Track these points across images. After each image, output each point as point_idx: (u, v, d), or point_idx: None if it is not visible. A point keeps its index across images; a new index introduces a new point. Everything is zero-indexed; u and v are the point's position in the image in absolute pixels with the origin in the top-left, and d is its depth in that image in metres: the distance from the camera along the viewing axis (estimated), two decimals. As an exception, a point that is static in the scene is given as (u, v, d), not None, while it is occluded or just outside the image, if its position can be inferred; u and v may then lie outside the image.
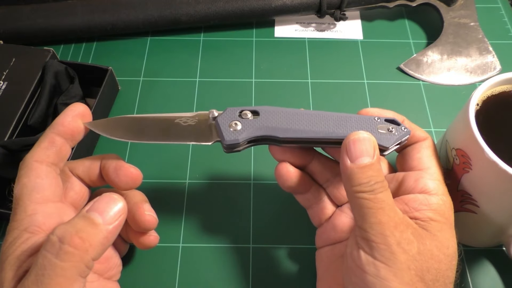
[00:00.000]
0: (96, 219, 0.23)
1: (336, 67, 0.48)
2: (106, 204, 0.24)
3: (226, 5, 0.48)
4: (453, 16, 0.49)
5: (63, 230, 0.22)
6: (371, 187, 0.25)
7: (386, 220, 0.24)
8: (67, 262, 0.22)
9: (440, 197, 0.27)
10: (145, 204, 0.30)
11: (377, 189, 0.25)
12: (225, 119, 0.29)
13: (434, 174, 0.28)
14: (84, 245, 0.22)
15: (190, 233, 0.37)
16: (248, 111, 0.29)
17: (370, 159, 0.25)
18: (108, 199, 0.25)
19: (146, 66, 0.48)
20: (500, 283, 0.35)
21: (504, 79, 0.31)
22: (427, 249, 0.24)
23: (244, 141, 0.28)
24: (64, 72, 0.42)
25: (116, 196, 0.25)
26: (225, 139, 0.28)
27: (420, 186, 0.27)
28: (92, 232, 0.23)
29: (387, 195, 0.25)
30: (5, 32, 0.46)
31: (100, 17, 0.47)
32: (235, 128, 0.28)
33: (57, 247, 0.22)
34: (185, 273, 0.35)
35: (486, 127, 0.29)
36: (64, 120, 0.27)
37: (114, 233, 0.24)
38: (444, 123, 0.44)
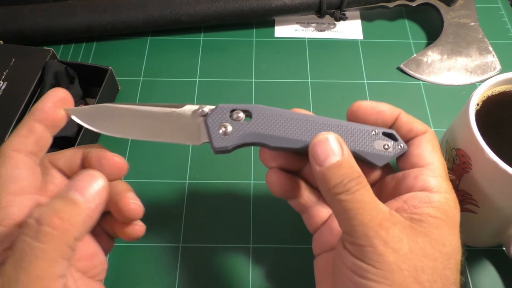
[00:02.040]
0: (76, 198, 0.22)
1: (336, 67, 0.48)
2: (86, 182, 0.23)
3: (226, 5, 0.48)
4: (453, 16, 0.49)
5: (40, 212, 0.21)
6: (345, 186, 0.23)
7: (368, 219, 0.22)
8: (47, 243, 0.20)
9: (443, 194, 0.25)
10: (130, 192, 0.28)
11: (352, 187, 0.23)
12: (215, 120, 0.27)
13: (436, 170, 0.26)
14: (64, 225, 0.21)
15: (190, 233, 0.37)
16: (241, 111, 0.27)
17: (338, 157, 0.24)
18: (88, 176, 0.23)
19: (146, 66, 0.48)
20: (500, 283, 0.35)
21: (504, 79, 0.31)
22: (420, 247, 0.22)
23: (233, 147, 0.27)
24: (64, 72, 0.42)
25: (96, 173, 0.23)
26: (214, 146, 0.26)
27: (420, 184, 0.25)
28: (72, 211, 0.22)
29: (366, 192, 0.23)
30: (5, 32, 0.46)
31: (100, 17, 0.47)
32: (225, 131, 0.26)
33: (35, 229, 0.21)
34: (185, 273, 0.35)
35: (486, 127, 0.29)
36: (44, 106, 0.25)
37: (97, 212, 0.23)
38: (444, 123, 0.44)
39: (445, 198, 0.25)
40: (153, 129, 0.27)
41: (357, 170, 0.24)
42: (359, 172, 0.24)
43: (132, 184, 0.39)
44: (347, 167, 0.24)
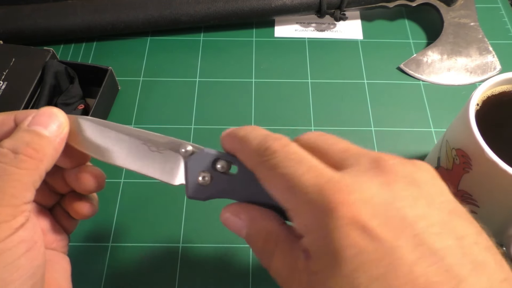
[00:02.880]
0: (43, 132, 0.23)
1: (336, 67, 0.48)
2: (48, 118, 0.23)
3: (226, 5, 0.48)
4: (453, 16, 0.49)
5: (13, 143, 0.22)
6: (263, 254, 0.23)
7: None
8: (24, 169, 0.21)
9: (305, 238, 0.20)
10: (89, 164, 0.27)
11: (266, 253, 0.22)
12: (196, 166, 0.24)
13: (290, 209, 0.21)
14: (38, 155, 0.22)
15: (190, 233, 0.37)
16: (225, 162, 0.24)
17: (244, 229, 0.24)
18: (49, 113, 0.24)
19: (146, 66, 0.48)
20: (500, 283, 0.35)
21: (504, 79, 0.31)
22: None
23: (208, 199, 0.25)
24: (64, 72, 0.42)
25: (56, 110, 0.24)
26: (189, 194, 0.24)
27: None
28: (42, 143, 0.22)
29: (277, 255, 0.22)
30: (5, 32, 0.46)
31: (100, 17, 0.47)
32: (204, 181, 0.24)
33: (11, 157, 0.21)
34: (185, 273, 0.35)
35: (486, 127, 0.29)
36: None
37: (60, 147, 0.24)
38: (444, 123, 0.44)
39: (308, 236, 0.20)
40: (133, 157, 0.25)
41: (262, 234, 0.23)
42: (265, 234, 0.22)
43: (132, 184, 0.40)
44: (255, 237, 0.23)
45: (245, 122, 0.43)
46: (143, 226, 0.37)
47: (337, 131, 0.43)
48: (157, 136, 0.25)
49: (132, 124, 0.43)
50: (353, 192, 0.18)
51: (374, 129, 0.43)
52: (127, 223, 0.38)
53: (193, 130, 0.43)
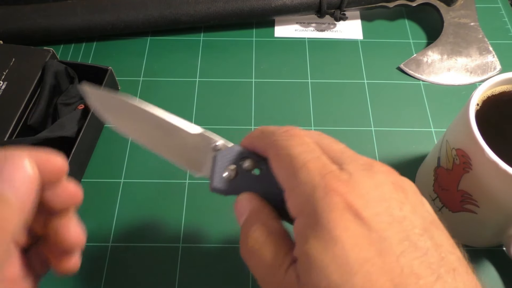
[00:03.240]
0: (7, 195, 0.18)
1: (336, 67, 0.48)
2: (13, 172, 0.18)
3: (226, 5, 0.48)
4: (453, 16, 0.49)
5: None
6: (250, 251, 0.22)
7: None
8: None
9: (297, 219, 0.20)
10: (73, 216, 0.23)
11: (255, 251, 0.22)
12: (223, 160, 0.25)
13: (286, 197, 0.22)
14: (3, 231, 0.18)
15: (190, 233, 0.37)
16: (251, 162, 0.24)
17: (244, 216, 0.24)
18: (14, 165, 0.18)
19: (146, 66, 0.48)
20: (500, 283, 0.35)
21: (504, 79, 0.31)
22: None
23: (231, 194, 0.25)
24: (64, 72, 0.42)
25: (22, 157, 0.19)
26: (213, 186, 0.25)
27: None
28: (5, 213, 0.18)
29: None
30: (5, 32, 0.46)
31: (100, 17, 0.47)
32: (230, 175, 0.24)
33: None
34: (185, 273, 0.35)
35: (486, 127, 0.29)
36: None
37: (30, 210, 0.19)
38: (444, 123, 0.44)
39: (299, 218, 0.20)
40: (158, 138, 0.26)
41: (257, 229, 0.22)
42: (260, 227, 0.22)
43: (132, 184, 0.40)
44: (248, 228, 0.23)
45: (245, 122, 0.43)
46: (143, 226, 0.37)
47: (337, 131, 0.43)
48: (190, 127, 0.26)
49: (132, 124, 0.43)
50: (350, 185, 0.19)
51: (374, 129, 0.43)
52: (127, 223, 0.38)
53: (193, 130, 0.43)
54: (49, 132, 0.37)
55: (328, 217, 0.19)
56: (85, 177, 0.40)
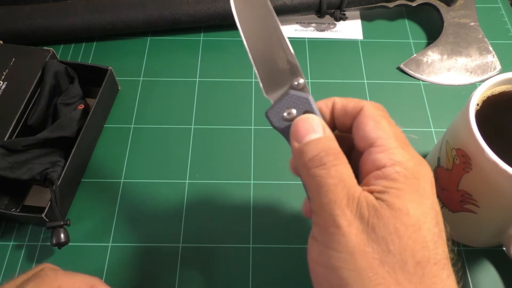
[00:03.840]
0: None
1: (336, 67, 0.48)
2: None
3: (226, 5, 0.48)
4: (453, 16, 0.49)
5: None
6: (321, 159, 0.22)
7: (337, 198, 0.21)
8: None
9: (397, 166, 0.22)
10: None
11: (329, 161, 0.22)
12: (291, 100, 0.25)
13: (385, 144, 0.23)
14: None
15: (190, 233, 0.37)
16: None
17: (319, 134, 0.23)
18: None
19: (146, 66, 0.48)
20: (500, 283, 0.35)
21: (504, 79, 0.31)
22: (384, 224, 0.20)
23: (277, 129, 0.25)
24: (64, 72, 0.42)
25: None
26: (269, 113, 0.25)
27: (373, 165, 0.23)
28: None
29: (343, 169, 0.22)
30: (5, 32, 0.46)
31: (100, 17, 0.47)
32: (288, 116, 0.25)
33: None
34: (185, 273, 0.35)
35: (486, 127, 0.29)
36: None
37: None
38: (444, 123, 0.44)
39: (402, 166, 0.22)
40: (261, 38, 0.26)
41: (336, 147, 0.23)
42: (338, 149, 0.23)
43: (132, 184, 0.40)
44: (326, 143, 0.23)
45: (245, 122, 0.43)
46: (143, 226, 0.37)
47: (337, 131, 0.43)
48: (288, 50, 0.26)
49: (132, 124, 0.43)
50: None
51: (374, 129, 0.43)
52: (127, 223, 0.38)
53: (193, 130, 0.43)
54: (49, 132, 0.37)
55: None
56: (85, 177, 0.40)
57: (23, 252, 0.36)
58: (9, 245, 0.37)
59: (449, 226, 0.23)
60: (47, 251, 0.36)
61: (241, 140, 0.42)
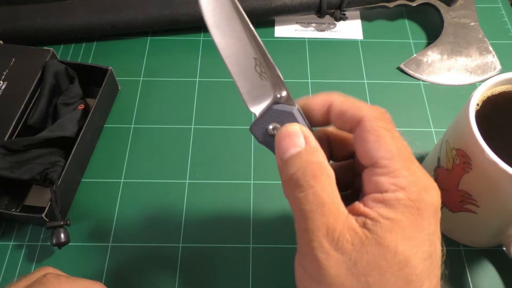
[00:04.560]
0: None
1: (336, 67, 0.48)
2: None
3: (226, 5, 0.48)
4: (453, 16, 0.49)
5: None
6: (297, 181, 0.20)
7: (315, 227, 0.20)
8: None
9: (399, 193, 0.20)
10: None
11: (306, 182, 0.20)
12: (275, 114, 0.24)
13: (388, 165, 0.21)
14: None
15: (190, 233, 0.37)
16: None
17: (299, 148, 0.22)
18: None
19: (146, 66, 0.48)
20: (500, 283, 0.35)
21: (504, 79, 0.31)
22: (367, 259, 0.19)
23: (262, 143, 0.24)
24: (64, 72, 0.42)
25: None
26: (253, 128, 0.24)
27: (373, 187, 0.21)
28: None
29: (323, 191, 0.20)
30: (5, 32, 0.46)
31: (100, 17, 0.47)
32: (272, 129, 0.24)
33: None
34: (185, 273, 0.35)
35: (486, 127, 0.29)
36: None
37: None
38: (444, 123, 0.44)
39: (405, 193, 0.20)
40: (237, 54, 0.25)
41: (317, 160, 0.21)
42: (318, 163, 0.21)
43: (132, 184, 0.40)
44: (305, 158, 0.21)
45: (245, 122, 0.43)
46: (143, 226, 0.37)
47: (337, 131, 0.43)
48: (270, 64, 0.24)
49: (132, 124, 0.43)
50: None
51: (374, 129, 0.43)
52: (127, 223, 0.38)
53: (193, 130, 0.43)
54: (49, 132, 0.37)
55: None
56: (85, 177, 0.40)
57: (23, 252, 0.36)
58: (9, 245, 0.37)
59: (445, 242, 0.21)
60: (47, 251, 0.36)
61: (241, 140, 0.42)
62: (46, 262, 0.36)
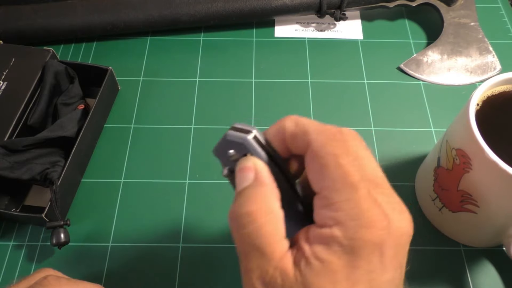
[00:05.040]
0: None
1: (336, 67, 0.48)
2: None
3: (226, 5, 0.48)
4: (453, 16, 0.49)
5: None
6: (236, 219, 0.20)
7: (250, 268, 0.20)
8: None
9: (336, 229, 0.19)
10: None
11: (245, 220, 0.20)
12: (230, 144, 0.23)
13: (328, 197, 0.20)
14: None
15: (190, 233, 0.37)
16: None
17: (247, 183, 0.21)
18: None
19: (146, 66, 0.48)
20: (500, 283, 0.35)
21: (504, 79, 0.31)
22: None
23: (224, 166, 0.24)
24: (64, 72, 0.42)
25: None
26: (218, 157, 0.24)
27: (316, 219, 0.20)
28: None
29: (258, 232, 0.20)
30: (5, 32, 0.46)
31: (100, 17, 0.47)
32: (233, 159, 0.23)
33: None
34: (185, 273, 0.35)
35: (486, 127, 0.29)
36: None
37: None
38: (444, 123, 0.44)
39: (342, 229, 0.19)
40: None
41: (260, 197, 0.21)
42: (262, 200, 0.20)
43: (132, 184, 0.40)
44: (248, 195, 0.21)
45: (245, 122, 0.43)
46: (143, 226, 0.37)
47: (337, 131, 0.43)
48: None
49: (132, 124, 0.43)
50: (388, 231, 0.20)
51: (374, 129, 0.43)
52: (127, 223, 0.38)
53: (193, 130, 0.43)
54: (49, 132, 0.37)
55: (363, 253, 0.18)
56: (85, 177, 0.40)
57: (23, 252, 0.36)
58: (9, 245, 0.37)
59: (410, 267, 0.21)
60: (47, 251, 0.36)
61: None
62: (46, 262, 0.36)
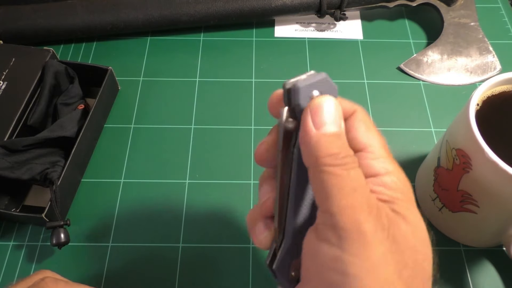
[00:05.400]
0: None
1: (336, 67, 0.48)
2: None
3: (226, 5, 0.48)
4: (453, 16, 0.49)
5: None
6: (342, 160, 0.20)
7: (358, 203, 0.19)
8: None
9: (391, 175, 0.22)
10: None
11: (349, 163, 0.20)
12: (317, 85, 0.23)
13: (376, 152, 0.22)
14: None
15: (190, 233, 0.37)
16: None
17: (337, 128, 0.21)
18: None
19: (146, 66, 0.48)
20: (500, 283, 0.35)
21: (504, 79, 0.31)
22: (403, 236, 0.20)
23: None
24: (64, 72, 0.42)
25: None
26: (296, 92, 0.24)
27: (365, 171, 0.22)
28: None
29: (360, 174, 0.20)
30: (5, 32, 0.46)
31: (100, 17, 0.47)
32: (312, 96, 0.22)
33: None
34: (185, 273, 0.35)
35: (486, 127, 0.29)
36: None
37: None
38: (444, 123, 0.44)
39: (396, 177, 0.22)
40: None
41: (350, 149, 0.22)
42: (352, 152, 0.21)
43: (132, 184, 0.40)
44: (345, 142, 0.21)
45: (245, 122, 0.43)
46: (143, 226, 0.37)
47: (337, 131, 0.43)
48: None
49: (132, 124, 0.43)
50: None
51: (374, 129, 0.43)
52: (127, 223, 0.38)
53: (193, 130, 0.43)
54: (49, 132, 0.37)
55: None
56: (85, 177, 0.40)
57: (23, 252, 0.36)
58: (9, 245, 0.37)
59: None
60: (47, 251, 0.36)
61: (241, 140, 0.42)
62: (46, 262, 0.36)
